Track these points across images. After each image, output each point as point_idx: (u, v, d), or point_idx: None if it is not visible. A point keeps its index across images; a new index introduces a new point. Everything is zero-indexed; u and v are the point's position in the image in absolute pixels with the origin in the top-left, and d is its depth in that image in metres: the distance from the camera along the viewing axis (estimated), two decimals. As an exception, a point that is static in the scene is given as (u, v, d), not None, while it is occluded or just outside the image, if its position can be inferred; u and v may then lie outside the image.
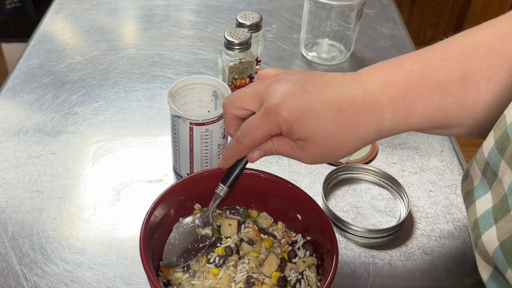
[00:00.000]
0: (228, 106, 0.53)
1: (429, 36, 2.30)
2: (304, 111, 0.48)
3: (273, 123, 0.49)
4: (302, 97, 0.48)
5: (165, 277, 0.55)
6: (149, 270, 0.49)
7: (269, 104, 0.49)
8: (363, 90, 0.48)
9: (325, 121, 0.48)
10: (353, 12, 0.92)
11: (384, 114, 0.48)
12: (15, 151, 0.76)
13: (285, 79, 0.50)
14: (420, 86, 0.48)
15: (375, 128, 0.49)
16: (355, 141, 0.49)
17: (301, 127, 0.48)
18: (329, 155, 0.50)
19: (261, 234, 0.59)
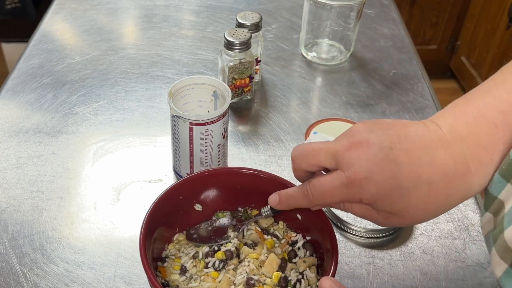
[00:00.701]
0: (298, 159, 0.49)
1: (428, 36, 2.30)
2: (393, 187, 0.44)
3: (354, 195, 0.45)
4: (390, 169, 0.43)
5: (163, 278, 0.55)
6: (149, 270, 0.49)
7: (352, 174, 0.44)
8: (452, 156, 0.44)
9: (416, 198, 0.44)
10: (353, 12, 0.92)
11: (473, 180, 0.45)
12: (15, 151, 0.76)
13: (367, 141, 0.45)
14: (507, 144, 0.44)
15: (463, 196, 0.45)
16: (442, 211, 0.46)
17: (389, 203, 0.45)
18: (411, 224, 0.48)
19: (263, 235, 0.59)
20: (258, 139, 0.80)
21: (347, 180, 0.45)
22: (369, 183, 0.44)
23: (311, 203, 0.49)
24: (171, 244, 0.58)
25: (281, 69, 0.95)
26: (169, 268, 0.56)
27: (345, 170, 0.45)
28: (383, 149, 0.44)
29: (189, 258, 0.56)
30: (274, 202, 0.53)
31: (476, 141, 0.45)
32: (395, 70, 0.96)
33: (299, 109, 0.86)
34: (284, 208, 0.53)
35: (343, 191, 0.45)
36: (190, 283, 0.54)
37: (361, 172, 0.44)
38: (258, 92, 0.90)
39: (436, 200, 0.45)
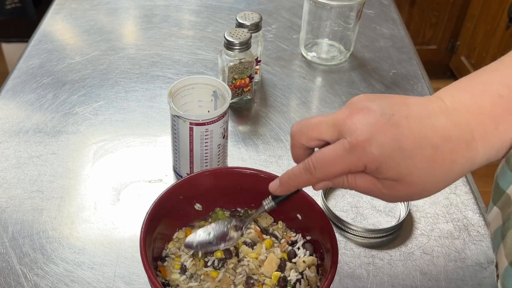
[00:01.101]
0: (298, 134, 0.48)
1: (428, 36, 2.30)
2: (396, 148, 0.43)
3: (357, 161, 0.44)
4: (392, 132, 0.43)
5: (163, 278, 0.55)
6: (149, 270, 0.49)
7: (354, 138, 0.43)
8: (455, 123, 0.44)
9: (420, 160, 0.43)
10: (352, 12, 0.92)
11: (478, 147, 0.44)
12: (15, 151, 0.76)
13: (368, 108, 0.45)
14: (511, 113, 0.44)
15: (469, 164, 0.45)
16: (448, 180, 0.45)
17: (392, 167, 0.43)
18: (419, 195, 0.46)
19: (262, 235, 0.59)
20: (258, 139, 0.80)
21: (349, 145, 0.44)
22: (371, 145, 0.43)
23: (314, 177, 0.47)
24: (171, 243, 0.58)
25: (281, 69, 0.95)
26: (169, 268, 0.56)
27: (347, 136, 0.44)
28: (384, 115, 0.44)
29: (189, 257, 0.57)
30: (275, 187, 0.51)
31: (479, 109, 0.44)
32: (395, 70, 0.96)
33: (299, 109, 0.86)
34: (285, 191, 0.51)
35: (346, 158, 0.44)
36: (190, 282, 0.54)
37: (362, 135, 0.43)
38: (258, 92, 0.90)
39: (442, 164, 0.44)
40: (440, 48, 2.35)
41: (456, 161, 0.44)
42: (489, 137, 0.44)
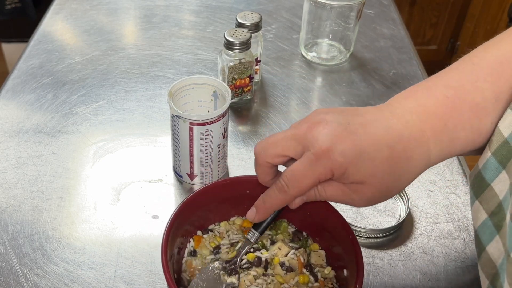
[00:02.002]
0: (262, 154, 0.50)
1: (428, 36, 2.30)
2: (357, 153, 0.46)
3: (324, 169, 0.46)
4: (350, 138, 0.46)
5: (193, 247, 0.54)
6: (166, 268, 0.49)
7: (318, 149, 0.46)
8: (404, 124, 0.47)
9: (379, 161, 0.46)
10: (352, 12, 0.92)
11: (429, 145, 0.47)
12: (15, 151, 0.76)
13: (324, 120, 0.47)
14: (459, 112, 0.47)
15: (424, 161, 0.48)
16: (408, 177, 0.48)
17: (356, 170, 0.46)
18: (384, 195, 0.49)
19: (303, 268, 0.55)
20: (258, 139, 0.80)
21: (314, 156, 0.46)
22: (334, 153, 0.46)
23: (288, 194, 0.49)
24: (225, 222, 0.58)
25: (281, 69, 0.95)
26: (206, 240, 0.55)
27: (310, 148, 0.47)
28: (341, 125, 0.47)
29: (229, 243, 0.55)
30: (252, 215, 0.53)
31: (425, 110, 0.47)
32: (395, 70, 0.96)
33: (299, 109, 0.86)
34: (263, 216, 0.52)
35: (314, 168, 0.47)
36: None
37: (324, 145, 0.46)
38: (258, 92, 0.90)
39: (399, 162, 0.47)
40: (440, 48, 2.35)
41: (411, 158, 0.47)
42: (439, 134, 0.47)
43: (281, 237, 0.58)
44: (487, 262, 0.48)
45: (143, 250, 0.64)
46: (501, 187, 0.46)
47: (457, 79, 0.49)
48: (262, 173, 0.51)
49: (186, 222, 0.56)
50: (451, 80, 0.49)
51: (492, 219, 0.47)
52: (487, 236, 0.48)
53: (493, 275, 0.47)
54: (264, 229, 0.53)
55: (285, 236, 0.58)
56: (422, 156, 0.47)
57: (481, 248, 0.49)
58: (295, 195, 0.50)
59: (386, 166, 0.46)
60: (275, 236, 0.58)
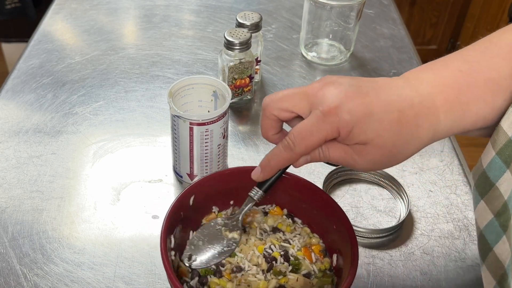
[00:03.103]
0: (270, 106, 0.49)
1: (428, 36, 2.30)
2: (366, 113, 0.46)
3: (331, 127, 0.46)
4: (361, 99, 0.46)
5: None
6: (168, 266, 0.49)
7: (326, 106, 0.46)
8: (418, 93, 0.47)
9: (388, 122, 0.46)
10: (353, 12, 0.92)
11: (440, 115, 0.47)
12: (15, 151, 0.76)
13: (338, 81, 0.48)
14: (473, 85, 0.47)
15: (433, 130, 0.48)
16: (415, 145, 0.48)
17: (363, 130, 0.46)
18: (388, 159, 0.48)
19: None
20: (258, 139, 0.80)
21: (322, 113, 0.46)
22: (342, 111, 0.46)
23: (294, 152, 0.49)
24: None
25: (281, 69, 0.95)
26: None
27: (319, 105, 0.47)
28: (352, 86, 0.47)
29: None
30: (257, 174, 0.52)
31: (439, 81, 0.48)
32: (395, 70, 0.96)
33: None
34: (268, 175, 0.52)
35: (321, 126, 0.47)
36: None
37: (333, 103, 0.46)
38: (258, 92, 0.90)
39: (407, 127, 0.46)
40: (440, 48, 2.35)
41: (420, 125, 0.47)
42: (451, 105, 0.47)
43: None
44: (495, 262, 0.48)
45: (143, 250, 0.64)
46: (506, 186, 0.46)
47: (474, 55, 0.48)
48: (266, 126, 0.51)
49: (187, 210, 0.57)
50: (468, 56, 0.49)
51: (498, 220, 0.47)
52: (494, 237, 0.48)
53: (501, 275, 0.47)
54: (267, 188, 0.53)
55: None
56: (431, 125, 0.47)
57: (487, 248, 0.49)
58: (301, 153, 0.49)
59: (394, 129, 0.46)
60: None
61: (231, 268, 0.54)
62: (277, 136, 0.52)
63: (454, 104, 0.47)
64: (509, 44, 0.48)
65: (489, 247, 0.48)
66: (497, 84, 0.47)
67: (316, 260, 0.56)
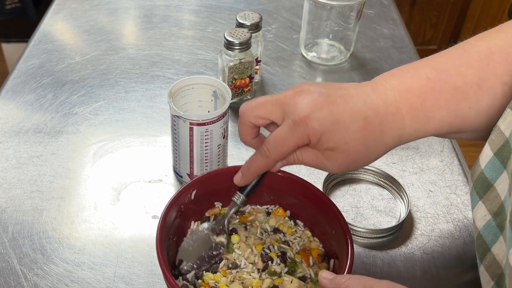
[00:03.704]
0: (247, 113, 0.53)
1: (428, 36, 2.30)
2: (333, 121, 0.49)
3: (302, 135, 0.50)
4: (329, 108, 0.49)
5: None
6: (164, 265, 0.49)
7: (297, 116, 0.49)
8: (383, 99, 0.50)
9: (353, 131, 0.49)
10: (353, 12, 0.92)
11: (404, 121, 0.50)
12: (15, 151, 0.76)
13: (308, 90, 0.51)
14: (438, 93, 0.49)
15: (398, 135, 0.50)
16: (380, 149, 0.51)
17: (331, 138, 0.49)
18: (355, 163, 0.51)
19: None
20: (258, 139, 0.80)
21: (293, 123, 0.50)
22: (311, 120, 0.49)
23: (270, 159, 0.52)
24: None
25: (281, 69, 0.95)
26: None
27: (291, 115, 0.50)
28: (322, 94, 0.50)
29: None
30: (238, 178, 0.56)
31: (405, 88, 0.50)
32: (395, 70, 0.96)
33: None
34: (249, 180, 0.56)
35: (293, 134, 0.50)
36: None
37: (303, 112, 0.49)
38: (258, 92, 0.90)
39: (372, 134, 0.49)
40: (440, 48, 2.31)
41: (384, 132, 0.50)
42: (415, 111, 0.50)
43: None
44: (493, 263, 0.48)
45: (143, 250, 0.64)
46: (502, 187, 0.46)
47: (444, 62, 0.51)
48: (244, 132, 0.54)
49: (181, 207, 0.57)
50: (438, 62, 0.51)
51: (495, 220, 0.48)
52: (491, 237, 0.48)
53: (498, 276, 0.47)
54: (249, 192, 0.57)
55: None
56: (395, 131, 0.50)
57: (485, 248, 0.49)
58: (276, 159, 0.53)
59: (359, 136, 0.49)
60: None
61: (227, 264, 0.55)
62: (255, 140, 0.55)
63: (418, 111, 0.50)
64: (479, 52, 0.50)
65: (487, 247, 0.49)
66: (462, 93, 0.49)
67: (313, 264, 0.56)
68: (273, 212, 0.60)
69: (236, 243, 0.57)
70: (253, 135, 0.54)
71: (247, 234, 0.58)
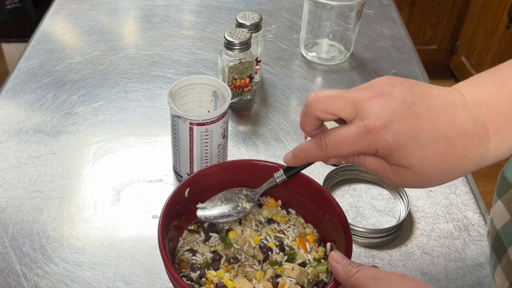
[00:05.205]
0: (314, 105, 0.47)
1: (428, 36, 2.30)
2: (411, 138, 0.43)
3: (369, 145, 0.44)
4: (410, 121, 0.43)
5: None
6: (168, 261, 0.50)
7: (371, 122, 0.43)
8: (472, 118, 0.44)
9: (433, 152, 0.43)
10: (353, 12, 0.92)
11: (490, 145, 0.44)
12: (15, 151, 0.76)
13: (390, 93, 0.44)
14: None
15: (479, 161, 0.45)
16: (456, 174, 0.45)
17: (405, 155, 0.44)
18: (425, 184, 0.46)
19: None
20: (258, 139, 0.80)
21: (365, 128, 0.44)
22: (387, 132, 0.43)
23: (325, 153, 0.47)
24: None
25: (281, 69, 0.95)
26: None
27: (364, 118, 0.44)
28: (405, 103, 0.43)
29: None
30: (288, 158, 0.52)
31: (495, 107, 0.44)
32: (395, 70, 0.96)
33: (299, 109, 0.86)
34: (297, 163, 0.52)
35: (360, 140, 0.44)
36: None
37: (380, 120, 0.43)
38: (258, 92, 0.90)
39: (453, 158, 0.44)
40: (440, 48, 2.35)
41: (467, 156, 0.44)
42: (502, 135, 0.44)
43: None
44: (508, 265, 0.47)
45: (143, 250, 0.64)
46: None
47: None
48: (306, 123, 0.49)
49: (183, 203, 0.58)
50: None
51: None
52: (509, 238, 0.46)
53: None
54: (292, 175, 0.55)
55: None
56: (478, 156, 0.45)
57: (502, 249, 0.48)
58: (332, 156, 0.48)
59: (438, 159, 0.44)
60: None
61: (228, 259, 0.55)
62: (316, 131, 0.50)
63: (506, 134, 0.44)
64: None
65: (505, 248, 0.47)
66: None
67: (310, 249, 0.57)
68: (265, 204, 0.61)
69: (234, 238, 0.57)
70: (316, 127, 0.49)
71: (242, 228, 0.58)
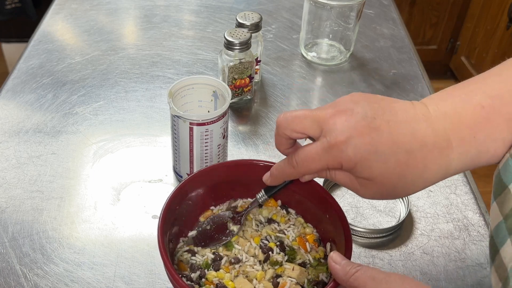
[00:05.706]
0: (284, 126, 0.50)
1: (428, 36, 2.30)
2: (372, 151, 0.45)
3: (333, 160, 0.47)
4: (370, 135, 0.45)
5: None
6: (167, 261, 0.50)
7: (333, 138, 0.46)
8: (433, 129, 0.46)
9: (393, 164, 0.45)
10: (353, 12, 0.92)
11: (453, 155, 0.46)
12: (15, 151, 0.76)
13: (352, 110, 0.46)
14: (491, 124, 0.45)
15: (442, 172, 0.46)
16: (419, 184, 0.47)
17: (366, 168, 0.46)
18: (390, 195, 0.48)
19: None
20: (258, 139, 0.80)
21: (328, 144, 0.46)
22: (348, 147, 0.45)
23: (296, 171, 0.51)
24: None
25: (281, 69, 0.95)
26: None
27: (328, 135, 0.47)
28: (366, 118, 0.46)
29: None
30: (266, 177, 0.55)
31: (459, 119, 0.46)
32: (395, 70, 0.96)
33: (299, 109, 0.86)
34: (275, 182, 0.55)
35: (325, 156, 0.47)
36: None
37: (341, 136, 0.46)
38: (258, 92, 0.90)
39: (413, 169, 0.45)
40: (440, 48, 2.35)
41: (428, 166, 0.46)
42: (466, 145, 0.46)
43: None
44: (501, 265, 0.47)
45: (143, 250, 0.64)
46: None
47: (498, 88, 0.46)
48: (279, 143, 0.52)
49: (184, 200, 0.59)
50: (491, 88, 0.47)
51: (506, 222, 0.46)
52: (500, 239, 0.47)
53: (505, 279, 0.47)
54: (272, 194, 0.57)
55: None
56: (440, 166, 0.46)
57: (495, 250, 0.48)
58: (303, 173, 0.51)
59: (398, 170, 0.45)
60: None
61: (229, 260, 0.55)
62: (290, 150, 0.52)
63: (469, 145, 0.46)
64: None
65: (497, 248, 0.48)
66: None
67: (310, 249, 0.57)
68: (265, 204, 0.61)
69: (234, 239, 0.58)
70: (288, 146, 0.52)
71: (243, 228, 0.59)
